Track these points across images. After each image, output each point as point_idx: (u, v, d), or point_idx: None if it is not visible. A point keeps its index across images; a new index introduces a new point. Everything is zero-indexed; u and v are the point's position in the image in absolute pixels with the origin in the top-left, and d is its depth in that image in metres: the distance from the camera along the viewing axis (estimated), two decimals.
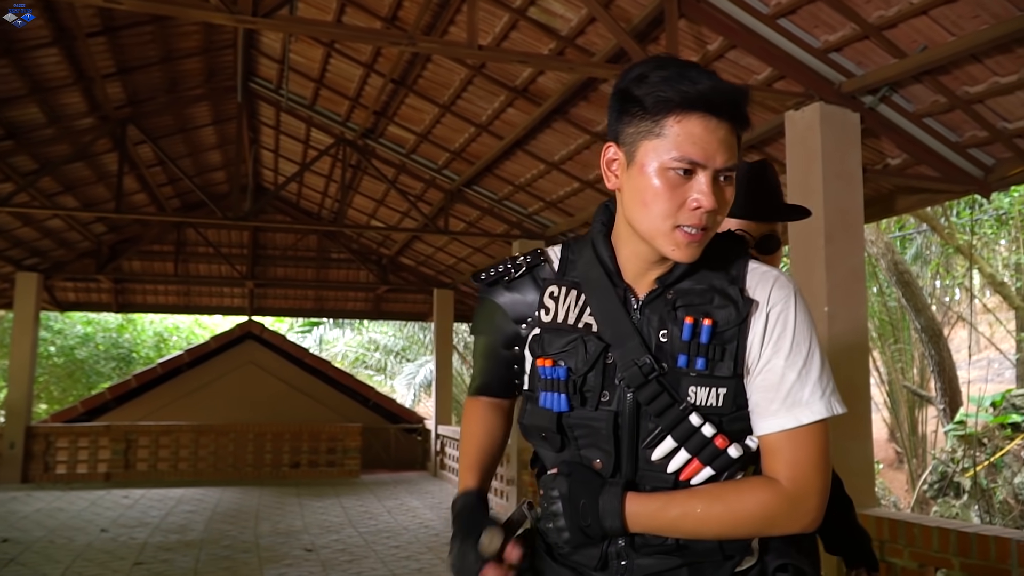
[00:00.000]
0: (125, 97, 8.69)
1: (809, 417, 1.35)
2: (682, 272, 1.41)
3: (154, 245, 13.41)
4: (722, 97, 1.31)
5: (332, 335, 24.37)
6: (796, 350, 1.37)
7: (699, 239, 1.34)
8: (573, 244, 1.55)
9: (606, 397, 1.41)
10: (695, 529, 1.35)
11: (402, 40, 4.56)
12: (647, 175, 1.33)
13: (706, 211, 1.31)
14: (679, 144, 1.30)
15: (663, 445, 1.37)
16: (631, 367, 1.37)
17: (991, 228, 13.06)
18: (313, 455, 13.23)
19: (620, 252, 1.45)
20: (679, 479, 1.38)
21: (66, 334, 21.57)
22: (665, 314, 1.40)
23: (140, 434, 12.64)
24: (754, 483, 1.36)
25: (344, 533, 8.44)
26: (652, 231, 1.35)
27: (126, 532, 8.40)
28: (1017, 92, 4.77)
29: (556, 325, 1.47)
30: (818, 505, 1.34)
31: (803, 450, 1.34)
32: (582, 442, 1.43)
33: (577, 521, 1.36)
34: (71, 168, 9.63)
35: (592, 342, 1.41)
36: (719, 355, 1.36)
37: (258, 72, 9.27)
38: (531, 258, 1.55)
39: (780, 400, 1.36)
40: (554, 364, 1.43)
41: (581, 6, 5.55)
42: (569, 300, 1.47)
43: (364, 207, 12.34)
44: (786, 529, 1.35)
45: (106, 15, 6.90)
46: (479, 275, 1.58)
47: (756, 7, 4.91)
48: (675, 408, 1.36)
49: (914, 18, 4.49)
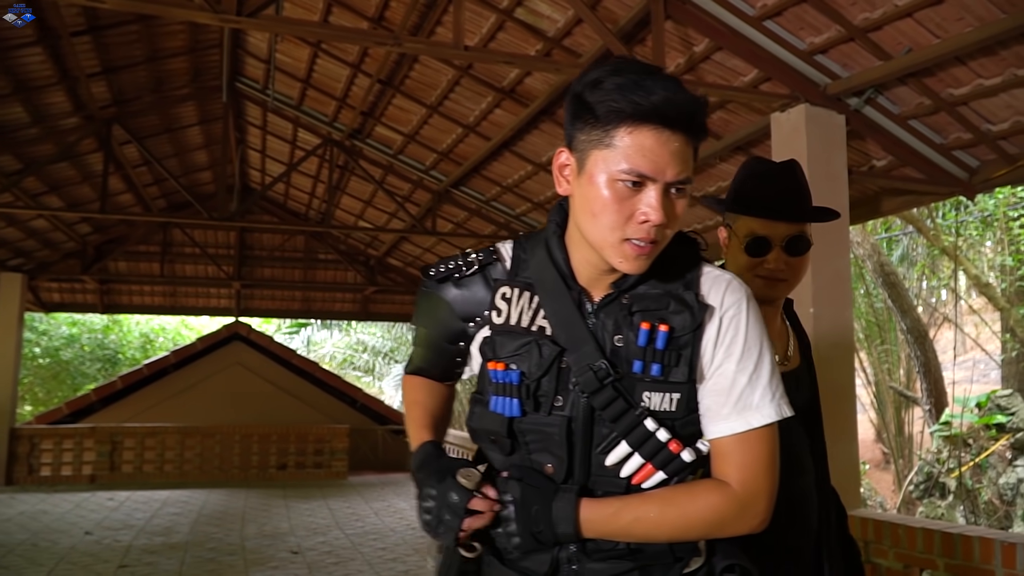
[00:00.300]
0: (110, 97, 8.64)
1: (759, 421, 1.36)
2: (637, 277, 1.39)
3: (140, 245, 13.33)
4: (676, 109, 1.27)
5: (320, 336, 24.30)
6: (747, 354, 1.38)
7: (648, 252, 1.32)
8: (525, 242, 1.52)
9: (559, 402, 1.39)
10: (648, 533, 1.35)
11: (388, 40, 4.55)
12: (596, 185, 1.30)
13: (654, 225, 1.28)
14: (629, 156, 1.27)
15: (617, 450, 1.36)
16: (586, 372, 1.35)
17: (976, 230, 13.12)
18: (300, 457, 13.18)
19: (573, 256, 1.43)
20: (631, 483, 1.38)
21: (51, 335, 21.43)
22: (621, 319, 1.39)
23: (125, 436, 12.56)
24: (705, 486, 1.37)
25: (331, 535, 8.41)
26: (600, 242, 1.33)
27: (110, 535, 8.35)
28: (1001, 94, 4.79)
29: (508, 328, 1.44)
30: (767, 507, 1.37)
31: (752, 453, 1.36)
32: (533, 447, 1.41)
33: (529, 527, 1.34)
34: (56, 168, 9.56)
35: (547, 346, 1.39)
36: (674, 361, 1.36)
37: (244, 72, 9.23)
38: (483, 256, 1.51)
39: (731, 404, 1.37)
40: (506, 368, 1.40)
41: (567, 7, 5.54)
42: (522, 302, 1.44)
43: (352, 208, 12.31)
44: (736, 531, 1.37)
45: (91, 14, 6.85)
46: (428, 270, 1.55)
47: (742, 9, 4.91)
48: (630, 413, 1.35)
49: (899, 20, 4.50)
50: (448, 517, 1.32)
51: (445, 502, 1.32)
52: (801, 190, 2.00)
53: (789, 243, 1.96)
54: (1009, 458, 10.67)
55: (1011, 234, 11.55)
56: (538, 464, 1.41)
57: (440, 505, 1.33)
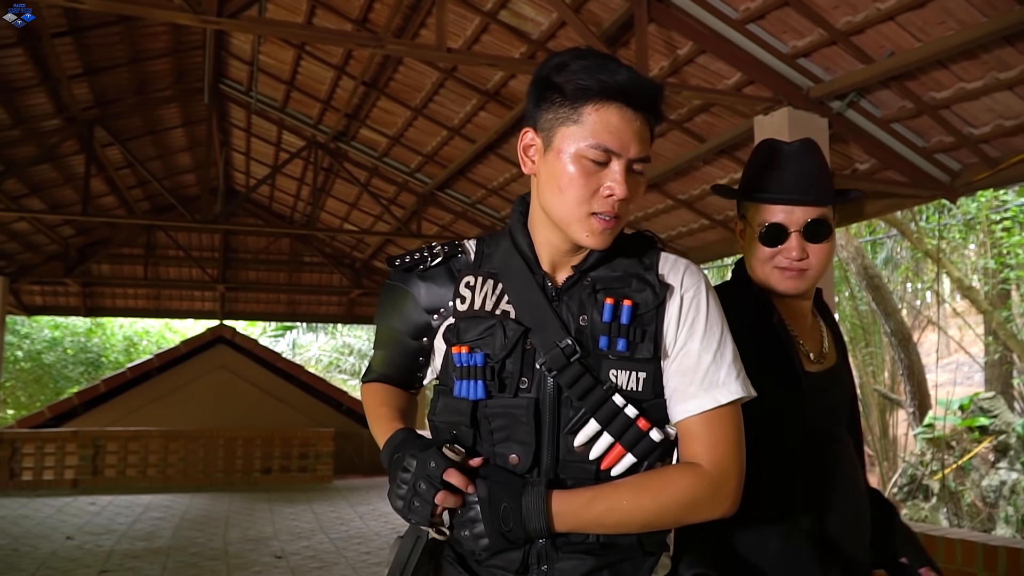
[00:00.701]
0: (92, 98, 8.58)
1: (727, 397, 1.38)
2: (597, 259, 1.43)
3: (123, 248, 13.25)
4: (639, 90, 1.34)
5: (306, 339, 24.23)
6: (710, 333, 1.41)
7: (611, 227, 1.36)
8: (488, 238, 1.55)
9: (525, 384, 1.38)
10: (622, 521, 1.33)
11: (370, 42, 4.53)
12: (563, 161, 1.35)
13: (618, 199, 1.33)
14: (596, 132, 1.32)
15: (586, 429, 1.35)
16: (553, 349, 1.36)
17: (960, 233, 13.20)
18: (285, 460, 13.09)
19: (536, 240, 1.46)
20: (601, 468, 1.37)
21: (33, 338, 21.27)
22: (585, 298, 1.41)
23: (108, 440, 12.44)
24: (677, 469, 1.37)
25: (315, 539, 8.36)
26: (567, 217, 1.36)
27: (92, 539, 8.27)
28: (982, 98, 4.82)
29: (473, 313, 1.44)
30: (737, 488, 1.37)
31: (721, 431, 1.37)
32: (498, 435, 1.39)
33: (498, 526, 1.30)
34: (38, 170, 9.50)
35: (511, 327, 1.39)
36: (639, 337, 1.38)
37: (228, 74, 9.19)
38: (448, 248, 1.53)
39: (698, 382, 1.38)
40: (471, 351, 1.40)
41: (551, 10, 5.54)
42: (486, 289, 1.45)
43: (337, 210, 12.28)
44: (708, 514, 1.36)
45: (72, 15, 6.80)
46: (394, 260, 1.55)
47: (725, 12, 4.92)
48: (598, 389, 1.35)
49: (881, 24, 4.52)
50: (424, 487, 1.29)
51: (424, 471, 1.30)
52: (818, 170, 1.82)
53: (808, 228, 1.77)
54: (992, 460, 10.73)
55: (993, 237, 11.62)
56: (502, 456, 1.38)
57: (418, 475, 1.30)
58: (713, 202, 7.28)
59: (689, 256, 8.37)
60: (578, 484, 1.36)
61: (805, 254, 1.77)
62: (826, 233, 1.79)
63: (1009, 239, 11.24)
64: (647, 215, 7.98)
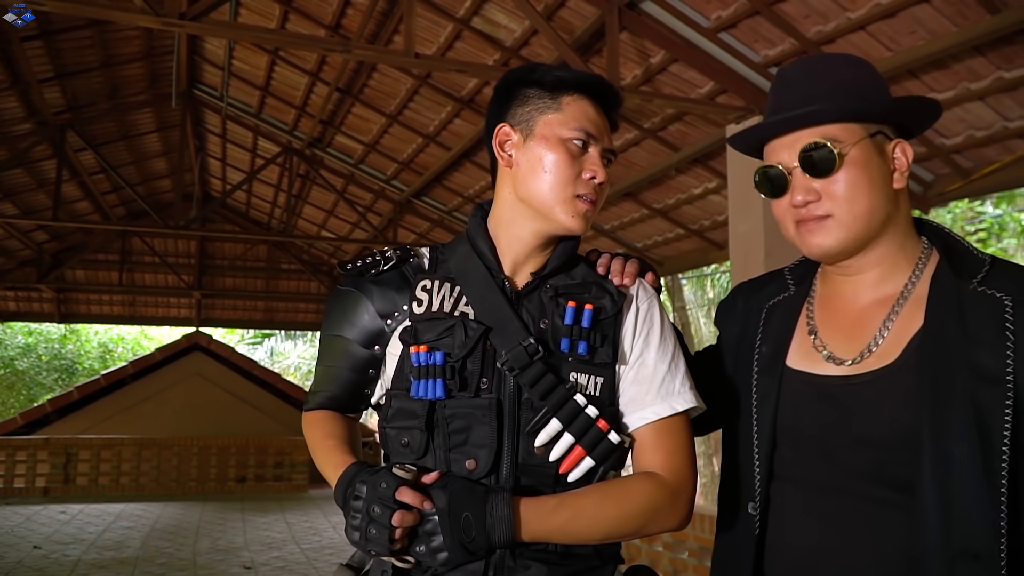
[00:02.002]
0: (64, 102, 8.49)
1: (683, 404, 1.39)
2: (556, 267, 1.44)
3: (98, 254, 13.13)
4: (607, 90, 1.46)
5: (284, 347, 24.09)
6: (664, 344, 1.44)
7: (591, 210, 1.42)
8: (441, 246, 1.54)
9: (485, 384, 1.36)
10: (586, 529, 1.31)
11: (337, 47, 4.49)
12: (548, 146, 1.40)
13: (599, 183, 1.40)
14: (577, 117, 1.41)
15: (548, 428, 1.33)
16: (515, 347, 1.35)
17: None
18: (260, 469, 12.95)
19: (499, 243, 1.46)
20: (560, 471, 1.34)
21: (6, 344, 21.04)
22: (546, 302, 1.42)
23: (80, 448, 12.27)
24: (637, 477, 1.37)
25: (286, 550, 8.26)
26: (552, 199, 1.39)
27: (60, 549, 8.14)
28: (954, 108, 4.82)
29: (431, 315, 1.41)
30: (691, 499, 1.38)
31: (678, 439, 1.39)
32: (455, 439, 1.35)
33: (459, 537, 1.24)
34: (10, 174, 9.38)
35: (472, 326, 1.38)
36: (599, 341, 1.39)
37: (202, 79, 9.11)
38: (401, 252, 1.52)
39: (655, 391, 1.39)
40: (430, 350, 1.37)
41: (524, 17, 5.50)
42: (443, 291, 1.44)
43: (314, 217, 12.20)
44: (666, 523, 1.36)
45: (41, 18, 6.71)
46: (346, 265, 1.52)
47: (697, 20, 4.91)
48: (561, 388, 1.34)
49: (852, 33, 4.51)
50: (378, 511, 1.23)
51: (375, 494, 1.24)
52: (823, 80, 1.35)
53: (804, 159, 1.31)
54: None
55: None
56: (457, 463, 1.34)
57: (370, 500, 1.24)
58: (688, 211, 7.26)
59: (665, 266, 8.37)
60: (537, 489, 1.33)
61: (814, 195, 1.31)
62: (828, 161, 1.29)
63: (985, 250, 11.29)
64: (623, 224, 7.95)
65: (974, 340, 1.21)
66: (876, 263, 1.35)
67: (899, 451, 1.23)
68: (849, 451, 1.28)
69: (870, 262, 1.35)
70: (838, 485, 1.29)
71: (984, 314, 1.22)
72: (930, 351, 1.24)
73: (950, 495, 1.16)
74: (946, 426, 1.18)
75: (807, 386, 1.36)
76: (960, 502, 1.15)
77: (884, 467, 1.25)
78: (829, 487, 1.30)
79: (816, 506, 1.32)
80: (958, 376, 1.20)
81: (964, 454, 1.16)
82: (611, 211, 7.80)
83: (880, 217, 1.31)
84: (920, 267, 1.34)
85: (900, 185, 1.33)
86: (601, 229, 8.16)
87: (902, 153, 1.33)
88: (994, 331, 1.20)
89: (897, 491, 1.23)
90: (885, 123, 1.33)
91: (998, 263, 1.30)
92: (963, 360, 1.20)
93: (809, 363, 1.37)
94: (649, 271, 1.55)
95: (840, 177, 1.29)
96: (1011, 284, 1.24)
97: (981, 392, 1.17)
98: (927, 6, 4.17)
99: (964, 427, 1.17)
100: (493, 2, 5.63)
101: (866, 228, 1.30)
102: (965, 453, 1.16)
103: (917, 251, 1.36)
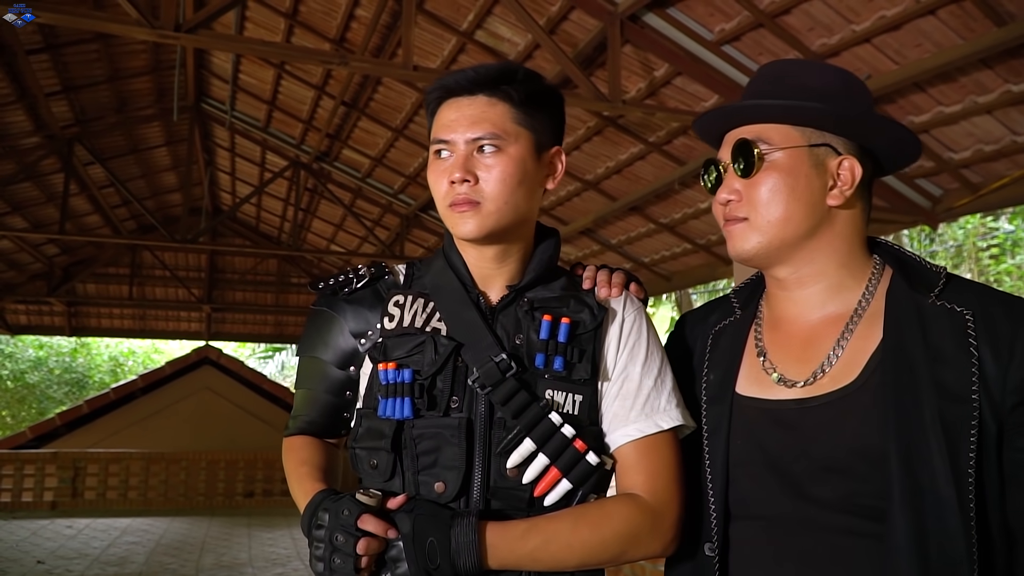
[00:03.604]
0: (72, 116, 8.50)
1: (668, 422, 1.33)
2: (533, 279, 1.40)
3: (109, 268, 13.17)
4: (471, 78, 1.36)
5: (295, 361, 24.07)
6: (651, 359, 1.37)
7: (470, 210, 1.33)
8: (418, 262, 1.51)
9: (456, 403, 1.31)
10: (559, 556, 1.24)
11: (334, 59, 4.45)
12: (428, 169, 1.40)
13: (458, 182, 1.32)
14: (435, 130, 1.37)
15: (521, 448, 1.28)
16: (487, 363, 1.29)
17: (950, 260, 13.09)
18: (268, 484, 12.90)
19: (467, 256, 1.42)
20: (535, 495, 1.28)
21: (17, 358, 21.13)
22: (521, 316, 1.36)
23: (89, 462, 12.27)
24: (616, 499, 1.30)
25: (290, 566, 8.20)
26: (444, 218, 1.38)
27: (63, 564, 8.11)
28: (961, 122, 4.73)
29: (401, 330, 1.38)
30: (676, 521, 1.30)
31: (662, 459, 1.32)
32: (423, 460, 1.30)
33: (424, 564, 1.18)
34: (19, 188, 9.40)
35: (442, 342, 1.34)
36: (577, 357, 1.34)
37: (210, 93, 9.13)
38: (375, 270, 1.47)
39: (639, 407, 1.33)
40: (398, 367, 1.32)
41: (528, 30, 5.46)
42: (416, 306, 1.40)
43: (323, 232, 12.19)
44: (648, 548, 1.28)
45: (47, 32, 6.74)
46: (317, 283, 1.48)
47: (700, 33, 4.86)
48: (535, 406, 1.29)
49: (857, 46, 4.44)
50: (341, 539, 1.18)
51: (338, 523, 1.19)
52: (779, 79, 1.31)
53: (733, 154, 1.29)
54: None
55: (980, 264, 11.52)
56: (426, 485, 1.29)
57: (332, 528, 1.20)
58: (695, 226, 7.18)
59: (673, 281, 8.28)
60: (510, 513, 1.27)
61: (736, 195, 1.28)
62: (748, 161, 1.26)
63: (997, 266, 11.14)
64: (629, 239, 7.88)
65: (936, 356, 1.15)
66: (815, 278, 1.29)
67: (868, 477, 1.16)
68: (814, 480, 1.20)
69: (808, 276, 1.29)
70: (805, 519, 1.20)
71: (945, 329, 1.17)
72: (892, 367, 1.17)
73: (923, 520, 1.10)
74: (915, 447, 1.12)
75: (760, 412, 1.28)
76: (935, 527, 1.09)
77: (853, 496, 1.17)
78: (795, 522, 1.21)
79: (783, 544, 1.22)
80: (924, 393, 1.14)
81: (935, 477, 1.10)
82: (617, 226, 7.74)
83: (799, 229, 1.25)
84: (872, 284, 1.29)
85: (835, 202, 1.26)
86: (608, 244, 8.10)
87: (848, 171, 1.26)
88: (956, 346, 1.15)
89: (870, 520, 1.15)
90: (842, 137, 1.27)
91: (953, 277, 1.25)
92: (928, 376, 1.14)
93: (760, 388, 1.30)
94: (634, 282, 1.49)
95: (760, 180, 1.26)
96: (970, 298, 1.19)
97: (947, 410, 1.12)
98: (933, 19, 4.09)
99: (933, 448, 1.11)
100: (496, 15, 5.60)
101: (781, 236, 1.26)
102: (936, 475, 1.10)
103: (867, 269, 1.30)
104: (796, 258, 1.28)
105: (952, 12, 4.00)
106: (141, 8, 3.92)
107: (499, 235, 1.36)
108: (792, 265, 1.29)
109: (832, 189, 1.26)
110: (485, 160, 1.33)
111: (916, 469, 1.11)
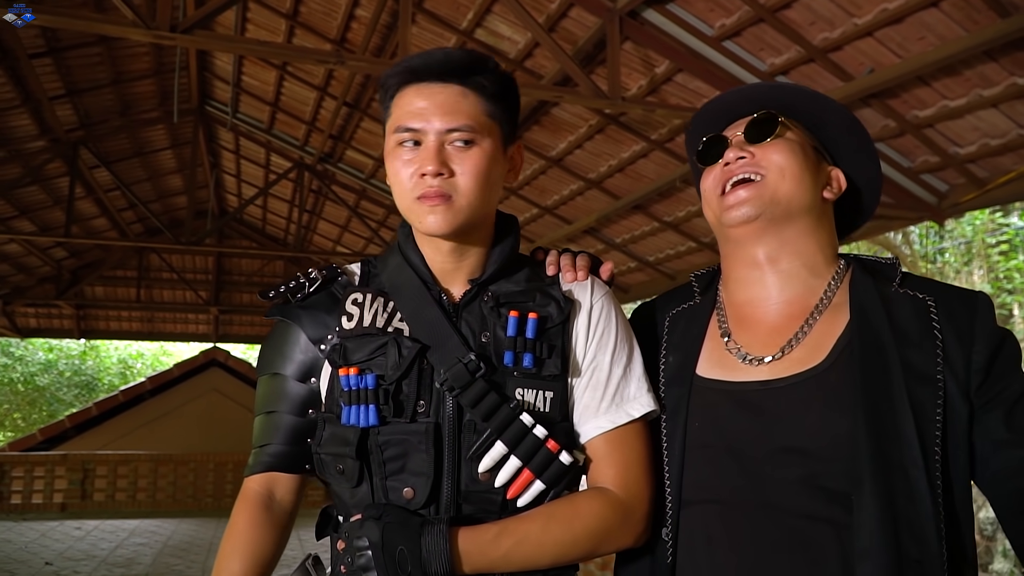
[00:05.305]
0: (77, 120, 8.51)
1: (639, 410, 1.31)
2: (495, 272, 1.35)
3: (116, 270, 13.21)
4: (440, 64, 1.28)
5: None
6: (620, 346, 1.35)
7: (441, 204, 1.26)
8: (373, 260, 1.45)
9: (422, 407, 1.26)
10: (532, 556, 1.22)
11: (330, 58, 4.43)
12: (388, 157, 1.31)
13: (432, 175, 1.25)
14: (399, 117, 1.28)
15: (492, 452, 1.24)
16: (455, 364, 1.25)
17: (960, 256, 12.98)
18: None
19: (425, 252, 1.36)
20: (508, 497, 1.26)
21: (27, 361, 21.23)
22: (487, 313, 1.32)
23: (98, 464, 12.29)
24: (585, 495, 1.29)
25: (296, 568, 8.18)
26: (406, 211, 1.31)
27: (71, 565, 8.12)
28: (967, 116, 4.67)
29: (362, 331, 1.32)
30: (647, 514, 1.29)
31: (633, 451, 1.30)
32: (390, 467, 1.26)
33: (395, 573, 1.16)
34: (26, 192, 9.42)
35: (406, 344, 1.28)
36: (546, 352, 1.30)
37: (213, 95, 9.12)
38: (327, 272, 1.41)
39: (610, 398, 1.31)
40: (360, 372, 1.27)
41: (527, 28, 5.43)
42: (376, 305, 1.34)
43: (329, 233, 12.19)
44: (620, 542, 1.27)
45: (49, 35, 6.73)
46: (267, 293, 1.41)
47: (701, 29, 4.81)
48: (505, 408, 1.25)
49: (859, 40, 4.39)
50: None
51: None
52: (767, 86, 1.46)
53: (749, 128, 1.32)
54: None
55: (989, 261, 11.41)
56: (395, 491, 1.25)
57: None
58: (699, 224, 7.13)
59: (678, 279, 8.22)
60: (482, 516, 1.24)
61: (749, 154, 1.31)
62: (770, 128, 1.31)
63: (1006, 263, 11.03)
64: (633, 237, 7.84)
65: (903, 338, 1.18)
66: (792, 257, 1.31)
67: (833, 459, 1.15)
68: (775, 463, 1.18)
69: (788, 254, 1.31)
70: (765, 503, 1.18)
71: (909, 313, 1.21)
72: (860, 349, 1.19)
73: (893, 500, 1.09)
74: (884, 428, 1.13)
75: (721, 395, 1.28)
76: (904, 507, 1.09)
77: (817, 478, 1.15)
78: (754, 505, 1.19)
79: (740, 528, 1.20)
80: (892, 374, 1.16)
81: (904, 456, 1.11)
82: (621, 224, 7.69)
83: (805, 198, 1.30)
84: (838, 277, 1.32)
85: (829, 196, 1.35)
86: (612, 243, 8.05)
87: (836, 180, 1.36)
88: (921, 329, 1.18)
89: (832, 503, 1.14)
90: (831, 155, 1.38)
91: (908, 273, 1.28)
92: (895, 357, 1.16)
93: (723, 370, 1.30)
94: (602, 266, 1.46)
95: (775, 146, 1.30)
96: (928, 287, 1.24)
97: (914, 390, 1.14)
98: (935, 11, 4.04)
99: (903, 427, 1.12)
100: (496, 13, 5.56)
101: (789, 196, 1.29)
102: (905, 455, 1.11)
103: (834, 264, 1.34)
104: (788, 230, 1.30)
105: (955, 4, 3.95)
106: (137, 9, 3.91)
107: (466, 231, 1.31)
108: (780, 239, 1.30)
109: (824, 188, 1.35)
110: (458, 153, 1.27)
111: (886, 448, 1.11)
